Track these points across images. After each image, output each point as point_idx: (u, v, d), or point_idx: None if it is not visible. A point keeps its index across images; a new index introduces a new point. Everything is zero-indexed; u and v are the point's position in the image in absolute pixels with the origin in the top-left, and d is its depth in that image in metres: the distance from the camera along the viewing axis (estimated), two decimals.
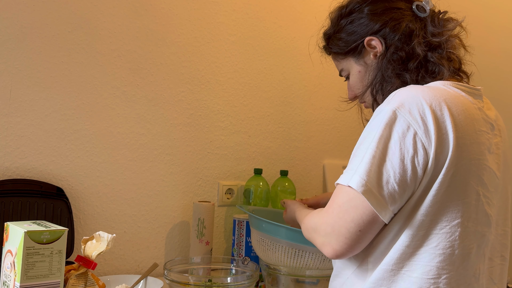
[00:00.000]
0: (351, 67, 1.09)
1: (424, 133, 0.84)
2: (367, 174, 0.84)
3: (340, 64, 1.13)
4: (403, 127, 0.84)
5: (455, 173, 0.85)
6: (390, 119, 0.85)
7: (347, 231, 0.86)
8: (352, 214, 0.86)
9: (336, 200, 0.89)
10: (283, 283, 1.26)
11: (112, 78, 1.47)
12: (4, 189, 1.28)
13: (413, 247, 0.86)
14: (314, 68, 1.88)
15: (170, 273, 1.20)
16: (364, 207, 0.85)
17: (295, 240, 1.19)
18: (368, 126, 0.91)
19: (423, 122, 0.84)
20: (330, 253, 0.89)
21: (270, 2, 1.78)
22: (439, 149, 0.83)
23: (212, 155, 1.65)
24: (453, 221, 0.85)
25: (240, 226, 1.53)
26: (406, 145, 0.83)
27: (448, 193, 0.85)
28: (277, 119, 1.80)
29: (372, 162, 0.84)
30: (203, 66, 1.63)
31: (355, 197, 0.85)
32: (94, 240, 1.02)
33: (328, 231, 0.89)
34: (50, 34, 1.38)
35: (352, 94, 1.13)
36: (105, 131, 1.46)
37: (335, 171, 1.92)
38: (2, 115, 1.32)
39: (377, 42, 1.03)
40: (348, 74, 1.12)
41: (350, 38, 1.07)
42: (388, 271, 0.87)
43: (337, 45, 1.10)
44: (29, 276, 0.90)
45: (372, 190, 0.83)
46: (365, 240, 0.88)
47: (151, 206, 1.54)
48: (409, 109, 0.85)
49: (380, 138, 0.85)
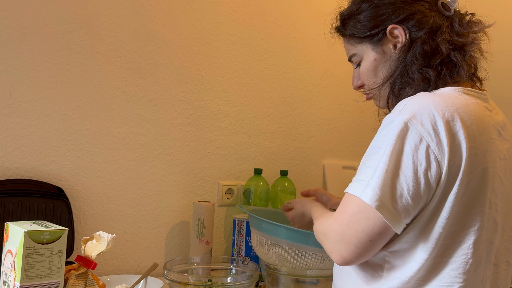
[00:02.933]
0: (365, 53, 1.03)
1: (437, 146, 0.83)
2: (380, 188, 0.83)
3: (353, 48, 1.05)
4: (416, 140, 0.83)
5: (469, 183, 0.84)
6: (402, 131, 0.84)
7: (357, 240, 0.86)
8: (363, 225, 0.85)
9: (347, 209, 0.88)
10: (283, 283, 1.26)
11: (112, 78, 1.47)
12: (4, 189, 1.28)
13: (430, 258, 0.85)
14: (314, 68, 1.89)
15: (170, 273, 1.20)
16: (376, 219, 0.84)
17: (295, 240, 1.19)
18: (379, 135, 0.89)
19: (435, 134, 0.83)
20: (338, 260, 0.89)
21: (270, 2, 1.78)
22: (452, 161, 0.83)
23: (212, 155, 1.65)
24: (468, 230, 0.86)
25: (240, 226, 1.53)
26: (419, 158, 0.82)
27: (464, 204, 0.85)
28: (277, 119, 1.80)
29: (385, 176, 0.83)
30: (203, 66, 1.63)
31: (367, 209, 0.84)
32: (94, 240, 1.02)
33: (337, 239, 0.89)
34: (50, 34, 1.38)
35: (359, 83, 1.07)
36: (105, 131, 1.46)
37: (335, 171, 1.92)
38: (2, 115, 1.32)
39: (401, 32, 0.98)
40: (360, 60, 1.05)
41: (371, 23, 1.00)
42: (404, 282, 0.87)
43: (355, 27, 1.03)
44: (29, 276, 0.90)
45: (386, 204, 0.83)
46: (375, 249, 0.88)
47: (151, 206, 1.54)
48: (421, 121, 0.84)
49: (392, 151, 0.84)
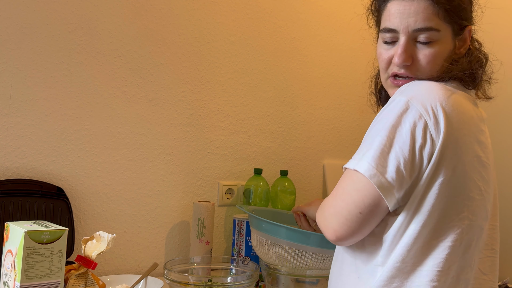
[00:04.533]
0: (446, 37, 0.95)
1: (434, 125, 0.85)
2: (374, 159, 0.86)
3: (439, 23, 0.93)
4: (415, 117, 0.86)
5: (458, 168, 0.87)
6: (403, 109, 0.87)
7: (347, 212, 0.89)
8: (354, 197, 0.88)
9: (341, 183, 0.92)
10: (283, 283, 1.26)
11: (112, 78, 1.47)
12: (4, 189, 1.28)
13: (423, 241, 0.87)
14: (314, 68, 1.89)
15: (170, 273, 1.20)
16: (366, 190, 0.87)
17: (295, 240, 1.19)
18: (380, 114, 0.92)
19: (434, 114, 0.86)
20: (331, 235, 0.91)
21: (270, 2, 1.78)
22: (445, 142, 0.85)
23: (212, 155, 1.65)
24: (459, 215, 0.88)
25: (240, 226, 1.53)
26: (416, 134, 0.85)
27: (452, 187, 0.87)
28: (277, 119, 1.80)
29: (381, 149, 0.86)
30: (203, 66, 1.63)
31: (359, 180, 0.87)
32: (94, 240, 1.03)
33: (331, 212, 0.92)
34: (50, 34, 1.38)
35: (409, 62, 0.95)
36: (105, 131, 1.46)
37: (335, 171, 1.92)
38: (2, 115, 1.32)
39: (470, 37, 0.99)
40: (433, 40, 0.94)
41: (467, 13, 0.98)
42: (400, 268, 0.88)
43: (457, 6, 0.94)
44: (29, 276, 0.90)
45: (378, 174, 0.85)
46: (366, 226, 0.89)
47: (151, 206, 1.54)
48: (422, 101, 0.87)
49: (391, 126, 0.86)
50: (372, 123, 0.93)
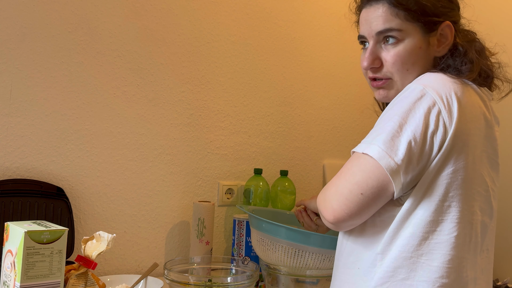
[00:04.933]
0: (412, 36, 0.95)
1: (448, 113, 0.86)
2: (384, 142, 0.86)
3: (400, 23, 0.95)
4: (429, 103, 0.86)
5: (468, 160, 0.87)
6: (418, 96, 0.87)
7: (349, 191, 0.88)
8: (357, 177, 0.88)
9: (347, 164, 0.93)
10: (283, 283, 1.26)
11: (112, 78, 1.47)
12: (4, 189, 1.28)
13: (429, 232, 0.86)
14: (314, 68, 1.89)
15: (170, 273, 1.20)
16: (372, 172, 0.86)
17: (295, 240, 1.19)
18: (395, 100, 0.92)
19: (448, 103, 0.86)
20: (330, 215, 0.90)
21: (270, 2, 1.78)
22: (457, 132, 0.86)
23: (212, 155, 1.65)
24: (470, 209, 0.88)
25: (240, 226, 1.53)
26: (430, 119, 0.85)
27: (462, 179, 0.87)
28: (277, 119, 1.80)
29: (392, 133, 0.86)
30: (203, 66, 1.63)
31: (365, 161, 0.87)
32: (94, 240, 1.03)
33: (332, 191, 0.92)
34: (50, 34, 1.38)
35: (377, 63, 0.98)
36: (105, 131, 1.46)
37: (335, 171, 1.89)
38: (2, 115, 1.32)
39: (452, 33, 0.97)
40: (398, 40, 0.95)
41: (435, 9, 0.95)
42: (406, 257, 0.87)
43: (417, 3, 0.94)
44: (29, 276, 0.90)
45: (387, 156, 0.85)
46: (366, 209, 0.88)
47: (151, 206, 1.54)
48: (437, 89, 0.87)
49: (404, 112, 0.87)
50: (386, 109, 0.92)
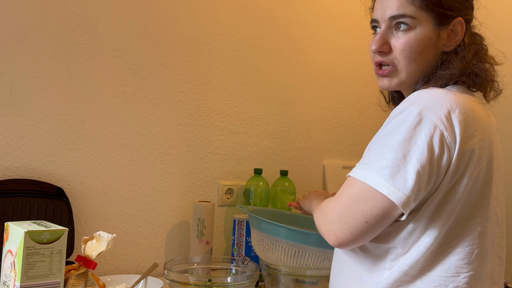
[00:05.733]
0: (424, 25, 0.94)
1: (450, 134, 0.84)
2: (391, 176, 0.83)
3: (414, 10, 0.94)
4: (430, 128, 0.83)
5: (478, 175, 0.87)
6: (416, 121, 0.84)
7: (353, 220, 0.87)
8: (361, 206, 0.86)
9: (347, 190, 0.90)
10: (283, 283, 1.26)
11: (112, 78, 1.47)
12: (4, 189, 1.28)
13: (436, 247, 0.86)
14: (314, 68, 1.89)
15: (170, 273, 1.20)
16: (376, 201, 0.85)
17: (295, 240, 1.19)
18: (390, 122, 0.88)
19: (448, 122, 0.84)
20: (333, 240, 0.90)
21: (270, 2, 1.78)
22: (461, 151, 0.84)
23: (212, 155, 1.65)
24: (475, 220, 0.87)
25: (240, 226, 1.53)
26: (434, 145, 0.83)
27: (472, 194, 0.87)
28: (277, 119, 1.80)
29: (397, 164, 0.83)
30: (203, 66, 1.63)
31: (368, 190, 0.85)
32: (94, 240, 1.03)
33: (334, 218, 0.90)
34: (50, 34, 1.38)
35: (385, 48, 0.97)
36: (105, 131, 1.46)
37: (335, 171, 1.92)
38: (2, 115, 1.32)
39: (462, 30, 0.96)
40: (411, 27, 0.94)
41: (450, 3, 0.94)
42: (407, 272, 0.87)
43: None
44: (29, 276, 0.90)
45: (396, 191, 0.82)
46: (370, 234, 0.88)
47: (151, 206, 1.54)
48: (435, 111, 0.84)
49: (405, 140, 0.83)
50: (381, 130, 0.90)
